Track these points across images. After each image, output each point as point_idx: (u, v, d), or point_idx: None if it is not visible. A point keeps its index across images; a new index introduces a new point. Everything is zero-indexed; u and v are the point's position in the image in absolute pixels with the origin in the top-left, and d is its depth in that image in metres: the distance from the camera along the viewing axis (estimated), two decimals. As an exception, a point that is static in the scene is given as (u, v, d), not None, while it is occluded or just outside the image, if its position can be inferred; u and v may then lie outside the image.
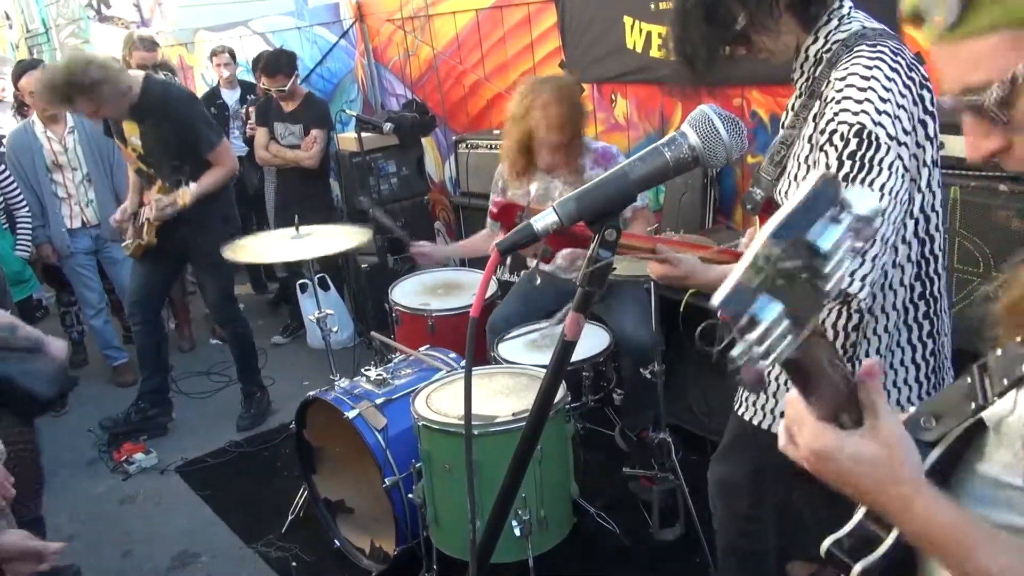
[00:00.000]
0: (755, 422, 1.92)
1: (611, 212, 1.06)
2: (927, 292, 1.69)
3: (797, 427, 0.82)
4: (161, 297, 4.10)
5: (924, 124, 1.56)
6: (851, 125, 1.50)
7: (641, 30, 3.59)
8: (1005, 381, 0.81)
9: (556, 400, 2.42)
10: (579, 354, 2.86)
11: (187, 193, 3.59)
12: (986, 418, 0.84)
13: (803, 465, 0.84)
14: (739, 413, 1.97)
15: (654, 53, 3.56)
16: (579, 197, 1.06)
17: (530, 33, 4.24)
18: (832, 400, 0.78)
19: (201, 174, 3.68)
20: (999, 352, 0.83)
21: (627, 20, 3.63)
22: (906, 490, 0.78)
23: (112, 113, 3.59)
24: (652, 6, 3.48)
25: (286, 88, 4.74)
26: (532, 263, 3.16)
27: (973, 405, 0.85)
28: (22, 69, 4.43)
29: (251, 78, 5.64)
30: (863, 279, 1.52)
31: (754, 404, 1.92)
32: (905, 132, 1.51)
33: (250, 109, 5.28)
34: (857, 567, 0.87)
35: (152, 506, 3.51)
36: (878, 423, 0.78)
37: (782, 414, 0.99)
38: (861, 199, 0.70)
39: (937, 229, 1.69)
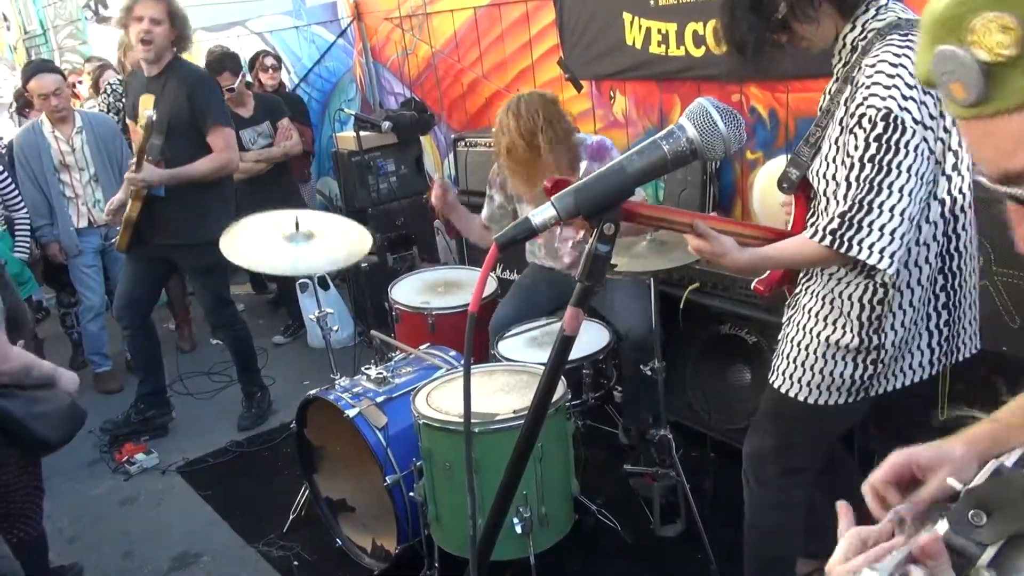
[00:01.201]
0: (784, 390, 1.98)
1: (609, 206, 1.06)
2: (946, 267, 1.79)
3: None
4: (149, 301, 4.05)
5: (945, 114, 1.63)
6: (879, 109, 1.59)
7: (640, 26, 3.58)
8: None
9: (557, 397, 2.43)
10: (579, 351, 2.85)
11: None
12: None
13: None
14: (771, 383, 2.03)
15: (653, 49, 3.55)
16: (577, 191, 1.06)
17: (528, 30, 4.23)
18: None
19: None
20: None
21: (626, 16, 3.63)
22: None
23: (155, 39, 3.59)
24: (651, 2, 3.47)
25: (235, 87, 4.75)
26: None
27: None
28: (32, 71, 4.41)
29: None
30: (891, 255, 1.63)
31: (783, 372, 1.99)
32: (931, 117, 1.61)
33: None
34: None
35: (153, 506, 3.51)
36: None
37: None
38: None
39: (963, 210, 1.77)
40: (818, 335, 1.89)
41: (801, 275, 1.98)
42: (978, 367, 2.21)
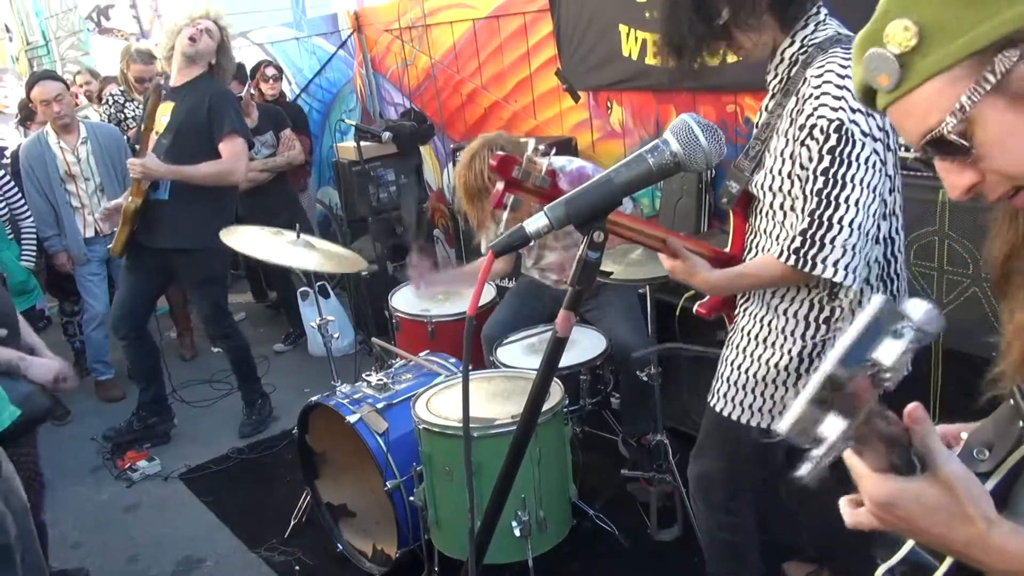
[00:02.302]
0: (727, 414, 1.98)
1: (598, 215, 1.11)
2: (887, 291, 1.80)
3: (858, 480, 0.83)
4: (145, 312, 4.07)
5: (891, 131, 1.65)
6: (830, 120, 1.60)
7: (636, 38, 3.64)
8: None
9: (554, 403, 2.47)
10: (576, 358, 2.90)
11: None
12: None
13: (871, 521, 0.84)
14: (712, 406, 2.02)
15: (649, 60, 3.60)
16: (568, 202, 1.12)
17: (526, 42, 4.29)
18: (885, 450, 0.80)
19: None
20: None
21: (622, 28, 3.68)
22: (978, 527, 0.78)
23: (200, 47, 3.71)
24: (647, 14, 3.53)
25: (242, 95, 4.81)
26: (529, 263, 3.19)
27: (1021, 424, 0.86)
28: (35, 79, 4.47)
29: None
30: (854, 270, 1.64)
31: (724, 396, 1.98)
32: (879, 129, 1.61)
33: None
34: None
35: (156, 513, 3.55)
36: (936, 465, 0.79)
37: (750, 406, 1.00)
38: (917, 309, 0.76)
39: (898, 232, 1.80)
40: (758, 358, 1.89)
41: (740, 297, 1.98)
42: (967, 372, 2.24)
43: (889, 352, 0.74)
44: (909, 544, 0.92)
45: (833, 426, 0.73)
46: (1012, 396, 0.88)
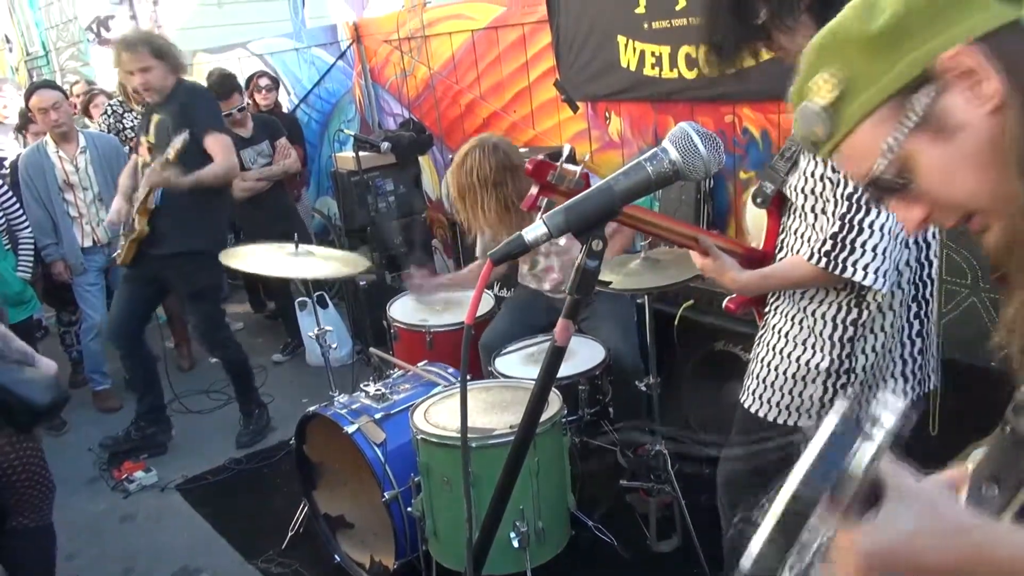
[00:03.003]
0: (759, 413, 1.98)
1: (597, 223, 1.11)
2: (919, 295, 1.81)
3: (836, 558, 0.72)
4: (141, 322, 4.07)
5: None
6: None
7: (635, 49, 3.65)
8: None
9: (553, 413, 2.47)
10: (575, 368, 2.89)
11: (175, 148, 3.59)
12: None
13: None
14: (746, 406, 2.03)
15: (647, 71, 3.61)
16: (567, 210, 1.11)
17: (525, 53, 4.30)
18: (857, 508, 0.71)
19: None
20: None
21: (621, 39, 3.69)
22: (975, 536, 0.72)
23: (153, 84, 3.70)
24: (645, 25, 3.54)
25: (244, 105, 4.87)
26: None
27: None
28: (33, 88, 4.48)
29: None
30: (884, 274, 1.66)
31: (755, 394, 1.99)
32: None
33: None
34: None
35: (153, 523, 3.53)
36: (896, 488, 0.71)
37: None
38: (888, 412, 0.69)
39: (934, 236, 1.81)
40: (789, 355, 1.90)
41: (771, 295, 1.99)
42: (968, 383, 2.24)
43: (859, 459, 0.67)
44: None
45: (803, 560, 0.67)
46: (1006, 421, 0.84)
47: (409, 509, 2.58)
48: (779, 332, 1.93)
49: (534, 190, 1.68)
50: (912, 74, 0.79)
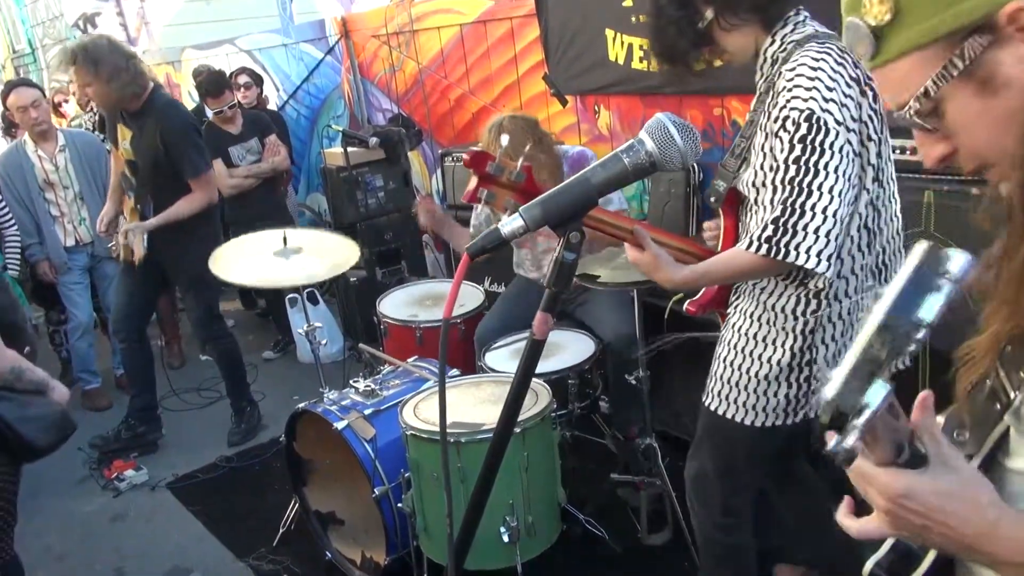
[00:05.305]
0: (723, 413, 1.97)
1: (574, 216, 1.10)
2: (876, 281, 1.80)
3: (866, 481, 0.81)
4: (145, 314, 4.08)
5: (867, 122, 1.66)
6: (801, 111, 1.61)
7: (623, 42, 3.64)
8: (1022, 374, 0.82)
9: (543, 407, 2.46)
10: (565, 361, 2.89)
11: (140, 243, 3.62)
12: (1009, 416, 0.84)
13: (881, 526, 0.83)
14: (708, 406, 2.01)
15: (636, 65, 3.61)
16: (544, 202, 1.10)
17: (514, 47, 4.29)
18: (891, 442, 0.78)
19: (179, 197, 3.70)
20: (1008, 348, 0.84)
21: (609, 33, 3.69)
22: (988, 515, 0.77)
23: (99, 102, 3.65)
24: (633, 19, 3.54)
25: (235, 103, 4.86)
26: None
27: (998, 406, 0.85)
28: (10, 87, 4.45)
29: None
30: (827, 258, 1.63)
31: (720, 395, 1.97)
32: (853, 119, 1.63)
33: None
34: None
35: (143, 522, 3.51)
36: (946, 455, 0.79)
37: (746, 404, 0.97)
38: (957, 262, 0.74)
39: (887, 223, 1.79)
40: (751, 353, 1.88)
41: (732, 295, 1.97)
42: (952, 370, 2.24)
43: (929, 308, 0.72)
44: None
45: (877, 393, 0.71)
46: (988, 378, 0.87)
47: (400, 505, 2.58)
48: (741, 331, 1.91)
49: (473, 182, 1.63)
50: (971, 18, 0.76)
